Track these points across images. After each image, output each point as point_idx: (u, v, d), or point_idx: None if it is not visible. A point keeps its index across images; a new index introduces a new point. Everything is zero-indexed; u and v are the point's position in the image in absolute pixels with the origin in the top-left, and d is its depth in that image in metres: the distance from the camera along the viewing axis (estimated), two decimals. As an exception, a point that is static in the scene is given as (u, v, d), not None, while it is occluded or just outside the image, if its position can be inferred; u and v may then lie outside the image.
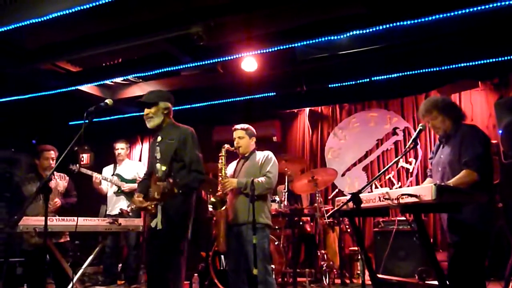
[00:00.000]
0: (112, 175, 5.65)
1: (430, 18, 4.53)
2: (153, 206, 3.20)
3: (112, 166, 5.84)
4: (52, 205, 4.47)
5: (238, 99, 6.89)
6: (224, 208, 3.64)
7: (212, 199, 3.71)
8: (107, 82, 6.60)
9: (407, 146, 3.17)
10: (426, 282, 4.41)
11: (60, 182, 4.82)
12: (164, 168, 3.10)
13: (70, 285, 3.93)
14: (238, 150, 3.85)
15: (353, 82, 6.25)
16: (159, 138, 3.37)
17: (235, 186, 3.65)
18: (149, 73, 6.08)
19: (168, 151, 3.25)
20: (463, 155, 2.88)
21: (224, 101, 7.01)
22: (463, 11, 4.40)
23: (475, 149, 2.87)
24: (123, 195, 5.57)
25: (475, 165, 2.81)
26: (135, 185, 5.28)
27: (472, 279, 2.82)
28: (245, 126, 3.89)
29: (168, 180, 3.08)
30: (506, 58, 5.35)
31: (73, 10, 4.35)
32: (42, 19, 4.51)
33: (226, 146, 3.84)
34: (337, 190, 6.68)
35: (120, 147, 5.83)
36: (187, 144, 3.25)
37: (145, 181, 3.48)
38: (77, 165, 4.85)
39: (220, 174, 3.76)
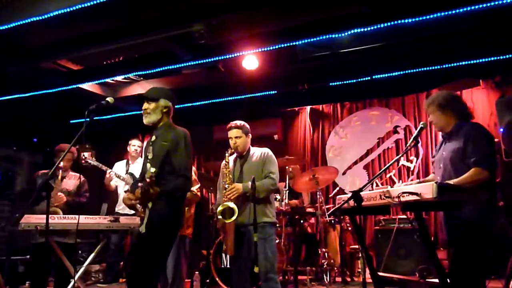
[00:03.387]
0: (126, 174, 5.37)
1: (431, 16, 4.53)
2: (141, 208, 3.14)
3: (124, 162, 5.62)
4: (56, 199, 4.42)
5: (239, 97, 6.89)
6: (233, 219, 3.51)
7: (221, 208, 3.58)
8: (108, 80, 6.59)
9: (408, 145, 3.17)
10: (427, 280, 4.41)
11: (69, 181, 4.78)
12: (153, 170, 3.01)
13: (72, 283, 3.94)
14: (236, 150, 3.78)
15: (354, 81, 6.24)
16: (153, 138, 3.29)
17: (241, 192, 3.57)
18: (150, 72, 6.07)
19: (160, 153, 3.15)
20: (471, 154, 2.86)
21: (226, 99, 7.00)
22: (465, 9, 4.40)
23: (483, 148, 2.86)
24: None
25: (486, 163, 2.81)
26: None
27: (472, 277, 2.82)
28: (240, 123, 3.79)
29: (145, 181, 3.00)
30: (507, 56, 5.35)
31: (74, 8, 4.36)
32: (43, 17, 4.52)
33: (230, 150, 3.78)
34: (338, 188, 6.67)
35: (137, 144, 5.58)
36: (178, 147, 3.14)
37: (138, 181, 3.38)
38: (94, 158, 4.71)
39: (224, 180, 3.69)
